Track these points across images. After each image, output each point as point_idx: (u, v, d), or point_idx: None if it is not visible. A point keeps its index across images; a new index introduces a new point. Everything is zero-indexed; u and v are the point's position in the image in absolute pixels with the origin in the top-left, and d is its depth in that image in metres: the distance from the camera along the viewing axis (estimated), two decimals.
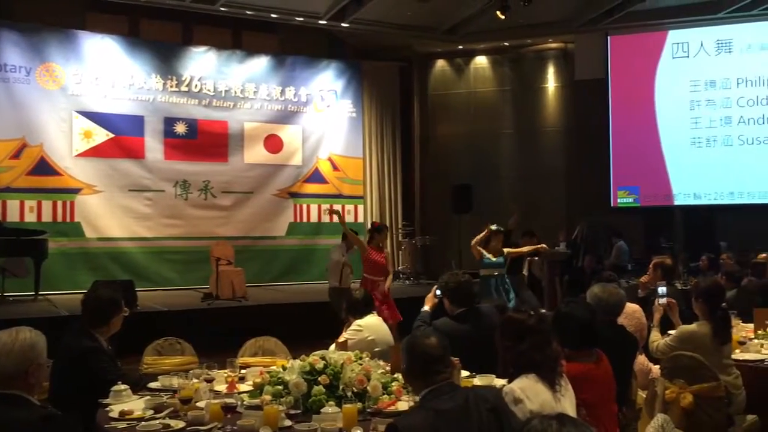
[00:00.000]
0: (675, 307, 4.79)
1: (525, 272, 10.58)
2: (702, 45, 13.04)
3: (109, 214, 11.67)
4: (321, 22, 12.65)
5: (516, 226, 10.01)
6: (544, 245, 9.28)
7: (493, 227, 8.26)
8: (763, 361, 4.54)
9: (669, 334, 4.76)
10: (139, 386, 3.65)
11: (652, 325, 4.80)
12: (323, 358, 3.48)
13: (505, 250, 8.39)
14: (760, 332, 5.06)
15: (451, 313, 4.34)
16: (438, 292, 4.52)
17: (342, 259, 8.60)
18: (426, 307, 4.57)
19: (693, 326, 4.37)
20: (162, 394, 3.53)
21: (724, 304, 4.53)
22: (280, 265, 13.07)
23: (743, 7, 12.24)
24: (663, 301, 4.79)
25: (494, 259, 8.20)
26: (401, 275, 13.73)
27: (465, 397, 2.56)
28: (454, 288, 4.39)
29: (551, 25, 13.36)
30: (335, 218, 10.15)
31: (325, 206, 13.45)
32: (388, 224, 14.30)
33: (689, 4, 12.46)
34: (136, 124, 11.94)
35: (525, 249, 9.13)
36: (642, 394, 4.25)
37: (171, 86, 12.22)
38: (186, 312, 9.55)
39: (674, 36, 13.22)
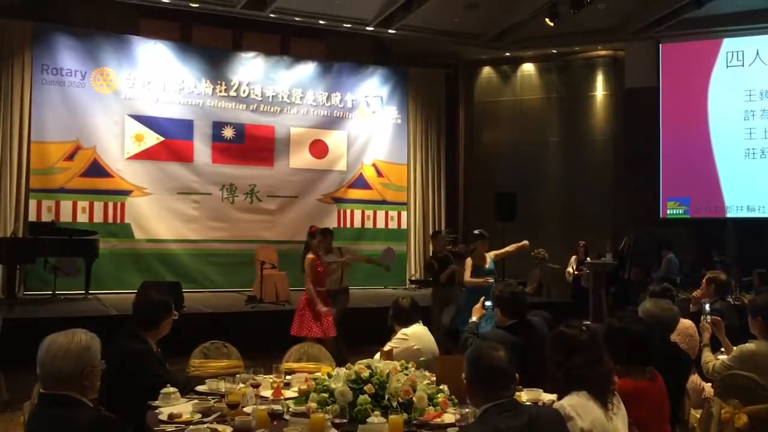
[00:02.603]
0: (721, 325, 4.63)
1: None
2: (758, 53, 12.69)
3: (157, 216, 11.89)
4: (368, 28, 12.69)
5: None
6: (525, 242, 8.02)
7: (476, 232, 7.79)
8: None
9: (722, 352, 4.62)
10: (187, 389, 3.69)
11: (703, 344, 4.65)
12: (369, 366, 3.46)
13: (492, 253, 7.66)
14: None
15: (503, 324, 4.29)
16: (487, 303, 4.47)
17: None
18: (474, 318, 4.52)
19: (752, 345, 4.22)
20: (209, 397, 3.57)
21: None
22: None
23: None
24: (709, 318, 4.64)
25: (485, 267, 7.53)
26: None
27: (528, 417, 2.50)
28: (508, 298, 4.33)
29: (601, 32, 13.17)
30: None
31: (369, 212, 13.56)
32: (431, 231, 14.28)
33: (745, 11, 12.14)
34: (185, 127, 12.15)
35: (510, 248, 8.02)
36: (695, 414, 4.13)
37: (220, 91, 12.41)
38: (230, 314, 9.66)
39: (729, 44, 12.89)
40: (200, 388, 3.75)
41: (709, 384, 4.30)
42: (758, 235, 12.47)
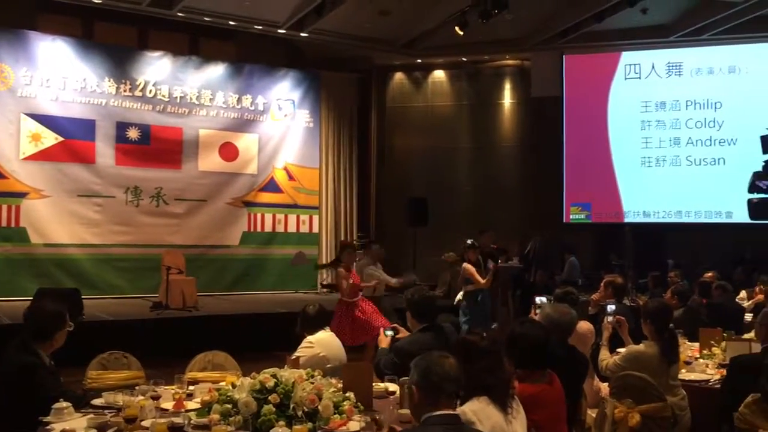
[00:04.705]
0: (625, 325, 4.85)
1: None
2: (653, 67, 13.39)
3: (56, 220, 11.35)
4: (280, 31, 12.58)
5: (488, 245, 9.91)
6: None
7: (468, 242, 8.30)
8: (708, 381, 4.63)
9: (618, 353, 4.83)
10: (82, 403, 3.54)
11: (601, 343, 4.84)
12: (274, 376, 3.42)
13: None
14: (705, 352, 5.16)
15: (414, 329, 4.31)
16: (388, 332, 4.46)
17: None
18: (383, 345, 4.50)
19: (641, 346, 4.44)
20: (106, 411, 3.43)
21: (672, 324, 4.60)
22: (232, 274, 12.91)
23: (693, 32, 12.61)
24: (611, 319, 4.84)
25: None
26: None
27: None
28: (418, 302, 4.33)
29: (508, 42, 13.55)
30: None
31: (281, 216, 13.42)
32: (343, 236, 14.31)
33: (642, 26, 12.78)
34: (86, 128, 11.65)
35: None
36: (591, 414, 4.29)
37: (124, 90, 11.98)
38: (133, 322, 9.34)
39: (627, 57, 13.55)
40: (96, 401, 3.61)
41: (606, 384, 4.48)
42: (653, 240, 13.14)
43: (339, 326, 7.69)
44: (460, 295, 8.51)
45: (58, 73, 11.42)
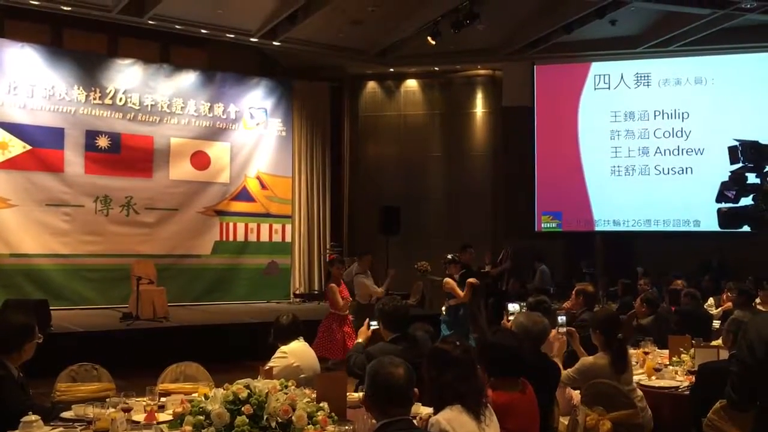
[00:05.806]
0: (576, 336, 4.84)
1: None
2: (622, 77, 13.60)
3: (23, 230, 11.17)
4: (252, 39, 12.55)
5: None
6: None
7: (449, 257, 8.31)
8: (677, 387, 4.69)
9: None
10: (51, 416, 3.47)
11: (552, 354, 4.82)
12: (247, 386, 3.39)
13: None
14: (674, 359, 5.23)
15: (386, 338, 4.30)
16: (372, 324, 4.43)
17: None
18: (360, 340, 4.48)
19: (592, 358, 4.47)
20: (76, 424, 3.38)
21: (620, 335, 4.57)
22: (204, 284, 12.81)
23: (661, 43, 12.85)
24: (563, 330, 4.82)
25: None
26: None
27: None
28: (389, 312, 4.30)
29: (480, 52, 13.68)
30: None
31: (253, 225, 13.36)
32: (316, 245, 14.29)
33: (611, 38, 12.99)
34: (55, 136, 11.50)
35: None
36: (564, 421, 4.33)
37: (94, 98, 11.85)
38: (104, 333, 9.21)
39: (596, 68, 13.75)
40: (66, 414, 3.54)
41: (577, 392, 4.51)
42: (623, 248, 13.32)
43: (328, 339, 7.66)
44: (443, 309, 8.52)
45: (26, 80, 11.28)
